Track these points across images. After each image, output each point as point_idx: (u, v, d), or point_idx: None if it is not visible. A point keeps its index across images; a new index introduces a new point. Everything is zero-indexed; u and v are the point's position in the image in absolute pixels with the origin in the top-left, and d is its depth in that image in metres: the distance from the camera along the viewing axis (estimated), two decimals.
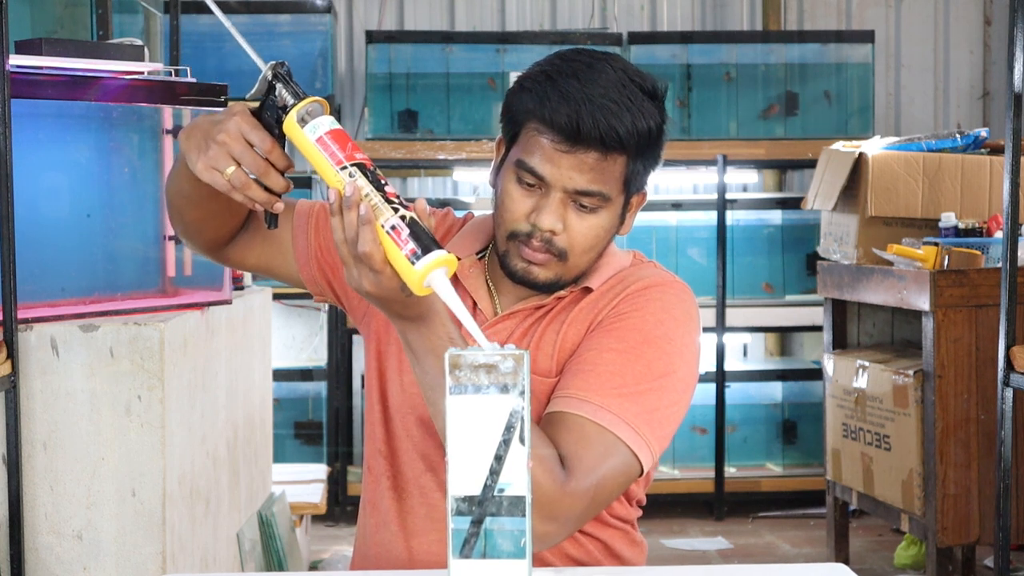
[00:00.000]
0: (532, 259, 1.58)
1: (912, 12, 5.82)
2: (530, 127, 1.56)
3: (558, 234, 1.56)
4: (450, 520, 1.30)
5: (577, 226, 1.57)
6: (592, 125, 1.51)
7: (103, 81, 2.40)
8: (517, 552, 1.29)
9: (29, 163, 2.31)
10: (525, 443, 1.29)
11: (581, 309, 1.63)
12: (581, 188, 1.55)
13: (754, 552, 4.48)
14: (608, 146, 1.53)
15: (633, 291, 1.61)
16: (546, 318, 1.65)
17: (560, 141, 1.53)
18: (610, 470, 1.48)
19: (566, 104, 1.52)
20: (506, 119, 1.62)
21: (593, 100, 1.52)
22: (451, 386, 1.29)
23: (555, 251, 1.57)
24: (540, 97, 1.54)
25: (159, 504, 2.29)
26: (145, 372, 2.28)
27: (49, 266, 2.39)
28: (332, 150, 1.37)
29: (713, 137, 5.09)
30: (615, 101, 1.52)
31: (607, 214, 1.59)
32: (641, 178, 1.61)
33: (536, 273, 1.59)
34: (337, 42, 5.36)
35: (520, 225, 1.57)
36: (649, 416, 1.51)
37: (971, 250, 3.44)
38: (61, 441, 2.28)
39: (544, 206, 1.55)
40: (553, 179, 1.54)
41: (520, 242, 1.58)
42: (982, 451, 3.39)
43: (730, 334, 5.09)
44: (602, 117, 1.51)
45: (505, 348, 1.29)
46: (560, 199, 1.55)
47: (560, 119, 1.52)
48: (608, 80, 1.53)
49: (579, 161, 1.53)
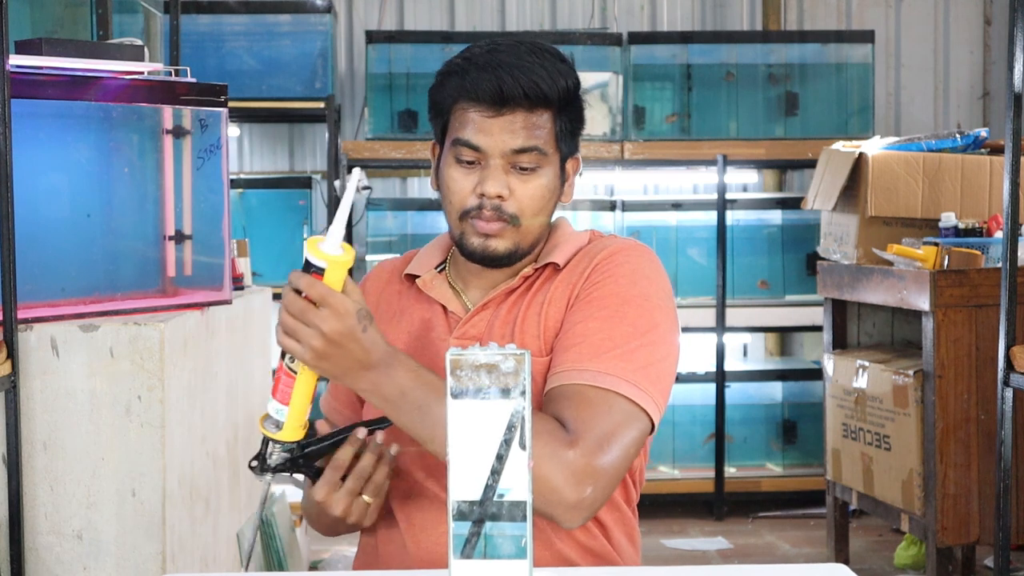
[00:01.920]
0: (487, 231, 1.64)
1: (912, 12, 5.82)
2: (457, 109, 1.65)
3: (506, 199, 1.63)
4: (451, 523, 1.30)
5: (522, 189, 1.64)
6: (514, 84, 1.60)
7: (103, 81, 2.40)
8: (518, 552, 1.29)
9: (29, 163, 2.31)
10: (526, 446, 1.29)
11: (556, 286, 1.68)
12: (516, 146, 1.62)
13: (754, 552, 4.48)
14: (533, 102, 1.61)
15: (600, 260, 1.66)
16: (524, 300, 1.69)
17: (487, 108, 1.61)
18: (623, 427, 1.51)
19: (486, 72, 1.60)
20: (433, 115, 1.70)
21: (510, 64, 1.61)
22: (452, 387, 1.29)
23: (507, 216, 1.64)
24: (460, 77, 1.63)
25: (159, 504, 2.29)
26: (145, 372, 2.28)
27: (49, 266, 2.39)
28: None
29: (713, 137, 5.08)
30: (530, 63, 1.62)
31: (547, 173, 1.65)
32: (570, 139, 1.69)
33: (494, 245, 1.65)
34: (337, 42, 5.36)
35: (469, 201, 1.64)
36: (646, 371, 1.55)
37: (971, 250, 3.44)
38: (61, 441, 2.28)
39: (487, 176, 1.63)
40: (489, 146, 1.62)
41: (472, 218, 1.65)
42: (982, 451, 3.39)
43: (730, 334, 5.09)
44: (522, 75, 1.60)
45: (506, 348, 1.29)
46: (500, 166, 1.63)
47: (484, 87, 1.60)
48: (520, 50, 1.63)
49: (509, 122, 1.62)
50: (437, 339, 1.69)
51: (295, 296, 1.43)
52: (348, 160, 4.85)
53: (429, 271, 1.75)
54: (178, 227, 2.59)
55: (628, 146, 4.94)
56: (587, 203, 5.15)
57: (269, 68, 4.91)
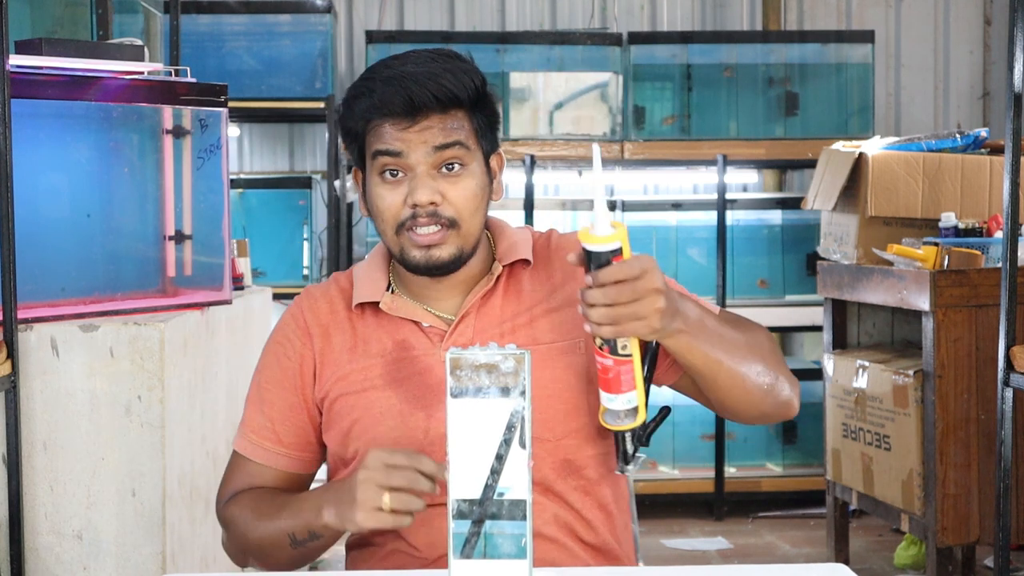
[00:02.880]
0: (428, 241, 1.62)
1: (912, 12, 5.82)
2: (371, 128, 1.63)
3: (439, 204, 1.62)
4: (451, 522, 1.30)
5: (452, 190, 1.62)
6: (422, 91, 1.59)
7: (103, 81, 2.40)
8: (517, 552, 1.29)
9: (29, 163, 2.31)
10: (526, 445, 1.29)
11: (533, 277, 1.71)
12: (438, 143, 1.61)
13: (754, 552, 4.48)
14: (445, 104, 1.61)
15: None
16: (501, 300, 1.70)
17: (401, 119, 1.60)
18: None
19: (392, 86, 1.60)
20: (348, 142, 1.68)
21: (414, 74, 1.60)
22: (451, 387, 1.29)
23: (445, 221, 1.63)
24: (366, 97, 1.62)
25: (159, 504, 2.29)
26: (145, 372, 2.28)
27: (49, 266, 2.39)
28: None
29: (713, 137, 5.08)
30: (432, 69, 1.61)
31: (474, 171, 1.65)
32: (490, 135, 1.68)
33: (438, 254, 1.64)
34: (337, 42, 5.36)
35: (401, 213, 1.63)
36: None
37: (971, 250, 3.44)
38: (61, 441, 2.28)
39: (416, 186, 1.61)
40: (410, 152, 1.61)
41: (407, 230, 1.63)
42: (982, 451, 3.39)
43: None
44: (428, 82, 1.60)
45: (506, 348, 1.29)
46: (426, 172, 1.62)
47: (394, 100, 1.59)
48: (417, 57, 1.63)
49: (425, 127, 1.61)
50: (422, 356, 1.67)
51: (612, 286, 1.40)
52: (348, 160, 4.85)
53: (383, 294, 1.71)
54: (178, 227, 2.59)
55: (628, 146, 4.94)
56: (587, 203, 5.15)
57: (269, 68, 4.91)
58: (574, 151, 4.95)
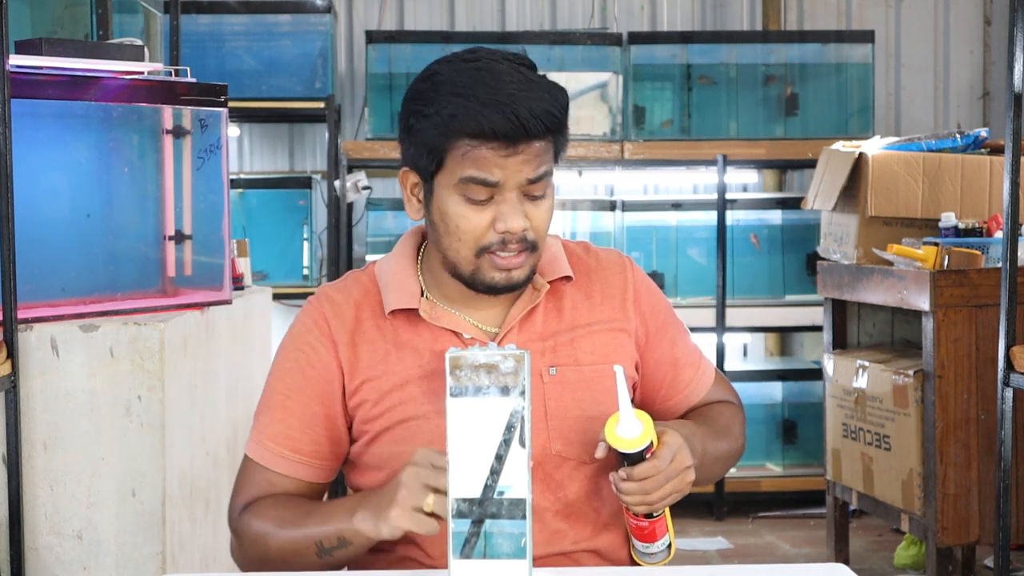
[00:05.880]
0: (512, 264, 1.60)
1: (912, 12, 5.82)
2: (459, 146, 1.55)
3: (527, 230, 1.59)
4: (450, 522, 1.30)
5: (536, 215, 1.60)
6: (531, 118, 1.52)
7: (103, 81, 2.40)
8: (517, 552, 1.29)
9: (29, 163, 2.31)
10: (525, 445, 1.29)
11: (575, 291, 1.72)
12: (533, 176, 1.57)
13: (754, 552, 4.48)
14: (550, 130, 1.56)
15: (641, 282, 1.76)
16: (545, 314, 1.69)
17: (503, 146, 1.54)
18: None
19: (495, 111, 1.52)
20: (418, 149, 1.59)
21: (516, 97, 1.52)
22: (451, 386, 1.29)
23: (528, 246, 1.60)
24: (463, 116, 1.53)
25: (159, 504, 2.29)
26: (145, 372, 2.28)
27: (49, 266, 2.39)
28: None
29: (713, 137, 5.08)
30: (530, 89, 1.54)
31: (551, 192, 1.63)
32: (560, 154, 1.66)
33: (518, 275, 1.61)
34: (337, 42, 5.36)
35: (488, 238, 1.59)
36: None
37: (971, 250, 3.44)
38: (61, 441, 2.28)
39: (505, 211, 1.57)
40: (506, 181, 1.56)
41: (491, 254, 1.59)
42: (982, 451, 3.39)
43: (730, 334, 5.09)
44: (536, 107, 1.53)
45: (506, 348, 1.29)
46: (515, 197, 1.57)
47: (500, 127, 1.52)
48: (506, 73, 1.55)
49: (526, 156, 1.56)
50: None
51: (650, 479, 1.50)
52: (348, 160, 4.85)
53: (419, 300, 1.66)
54: (178, 227, 2.59)
55: (628, 146, 4.94)
56: (587, 203, 5.15)
57: (269, 68, 4.91)
58: (574, 151, 4.95)
